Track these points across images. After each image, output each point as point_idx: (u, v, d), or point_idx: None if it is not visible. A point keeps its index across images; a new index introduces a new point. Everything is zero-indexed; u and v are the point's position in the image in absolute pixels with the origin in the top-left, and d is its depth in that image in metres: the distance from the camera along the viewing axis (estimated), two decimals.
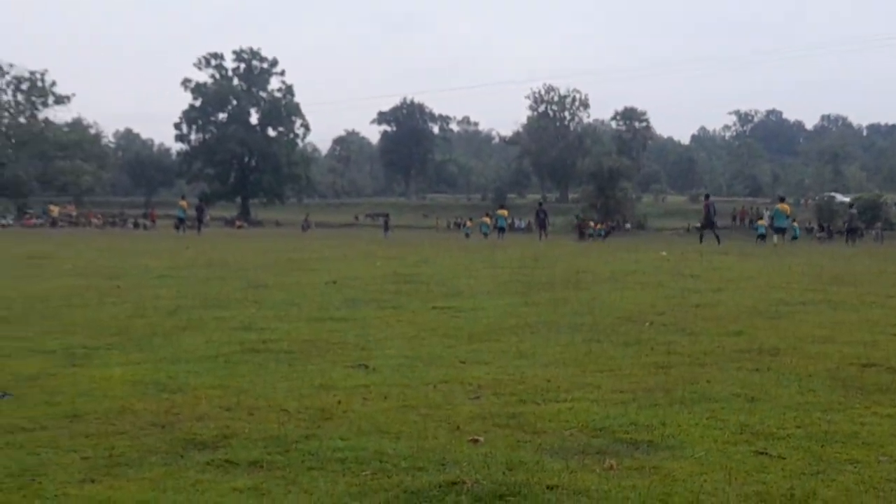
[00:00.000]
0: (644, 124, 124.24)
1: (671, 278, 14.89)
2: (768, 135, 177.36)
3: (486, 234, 47.50)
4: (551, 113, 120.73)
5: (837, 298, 11.61)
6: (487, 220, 50.61)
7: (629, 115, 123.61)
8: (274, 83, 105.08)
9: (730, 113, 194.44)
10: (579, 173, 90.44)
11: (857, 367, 6.79)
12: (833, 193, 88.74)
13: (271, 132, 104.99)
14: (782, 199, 40.14)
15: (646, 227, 75.31)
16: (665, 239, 56.38)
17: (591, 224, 62.57)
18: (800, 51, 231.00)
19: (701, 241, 33.36)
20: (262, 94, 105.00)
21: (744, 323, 9.27)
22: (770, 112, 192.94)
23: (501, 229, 47.51)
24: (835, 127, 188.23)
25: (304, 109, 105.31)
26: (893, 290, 12.92)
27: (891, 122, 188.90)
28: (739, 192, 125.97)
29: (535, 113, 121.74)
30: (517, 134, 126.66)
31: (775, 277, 15.08)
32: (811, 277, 15.26)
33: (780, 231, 36.92)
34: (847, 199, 79.80)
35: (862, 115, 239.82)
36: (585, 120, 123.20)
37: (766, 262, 19.93)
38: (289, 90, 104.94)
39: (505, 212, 50.06)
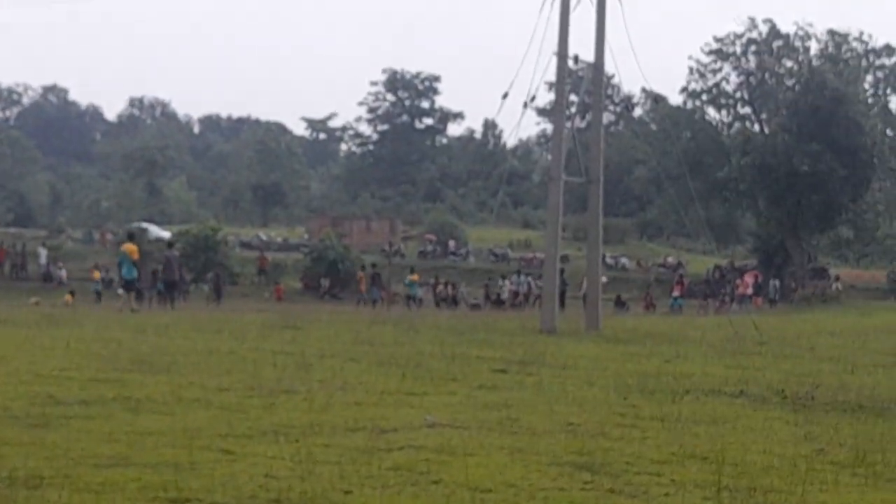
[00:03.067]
0: None
1: None
2: (47, 126, 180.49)
3: None
4: None
5: (141, 393, 12.23)
6: None
7: None
8: None
9: None
10: None
11: (164, 502, 7.17)
12: (145, 224, 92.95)
13: None
14: (131, 237, 42.41)
15: None
16: None
17: None
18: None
19: None
20: None
21: None
22: (49, 90, 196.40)
23: None
24: (151, 118, 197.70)
25: None
26: (228, 380, 13.92)
27: (235, 113, 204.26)
28: None
29: None
30: None
31: (45, 360, 15.45)
32: (102, 360, 15.85)
33: (129, 286, 38.81)
34: (167, 234, 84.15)
35: (191, 103, 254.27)
36: None
37: (32, 336, 20.27)
38: None
39: None
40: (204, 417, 10.81)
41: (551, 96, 40.16)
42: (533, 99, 32.24)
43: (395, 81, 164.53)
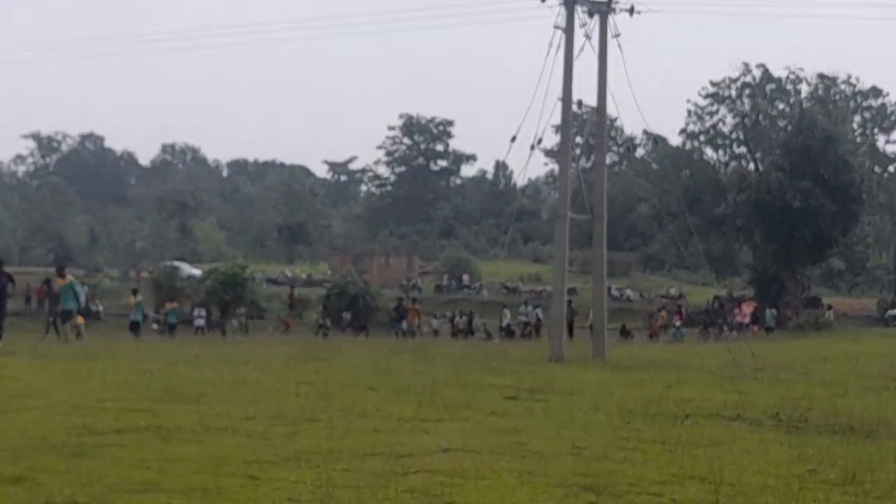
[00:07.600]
0: None
1: None
2: (85, 172, 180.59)
3: None
4: None
5: (172, 423, 12.20)
6: None
7: None
8: None
9: (25, 136, 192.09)
10: None
11: None
12: (178, 262, 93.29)
13: None
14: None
15: None
16: None
17: None
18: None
19: None
20: None
21: (27, 463, 9.33)
22: (86, 138, 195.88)
23: None
24: (182, 163, 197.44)
25: None
26: (254, 409, 13.87)
27: (262, 158, 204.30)
28: (40, 258, 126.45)
29: None
30: None
31: (83, 392, 15.40)
32: (135, 391, 15.82)
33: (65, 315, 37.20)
34: (198, 272, 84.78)
35: (220, 148, 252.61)
36: None
37: (70, 369, 20.25)
38: None
39: None
40: (230, 445, 10.79)
41: (557, 139, 40.14)
42: (540, 141, 32.08)
43: (411, 126, 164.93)
